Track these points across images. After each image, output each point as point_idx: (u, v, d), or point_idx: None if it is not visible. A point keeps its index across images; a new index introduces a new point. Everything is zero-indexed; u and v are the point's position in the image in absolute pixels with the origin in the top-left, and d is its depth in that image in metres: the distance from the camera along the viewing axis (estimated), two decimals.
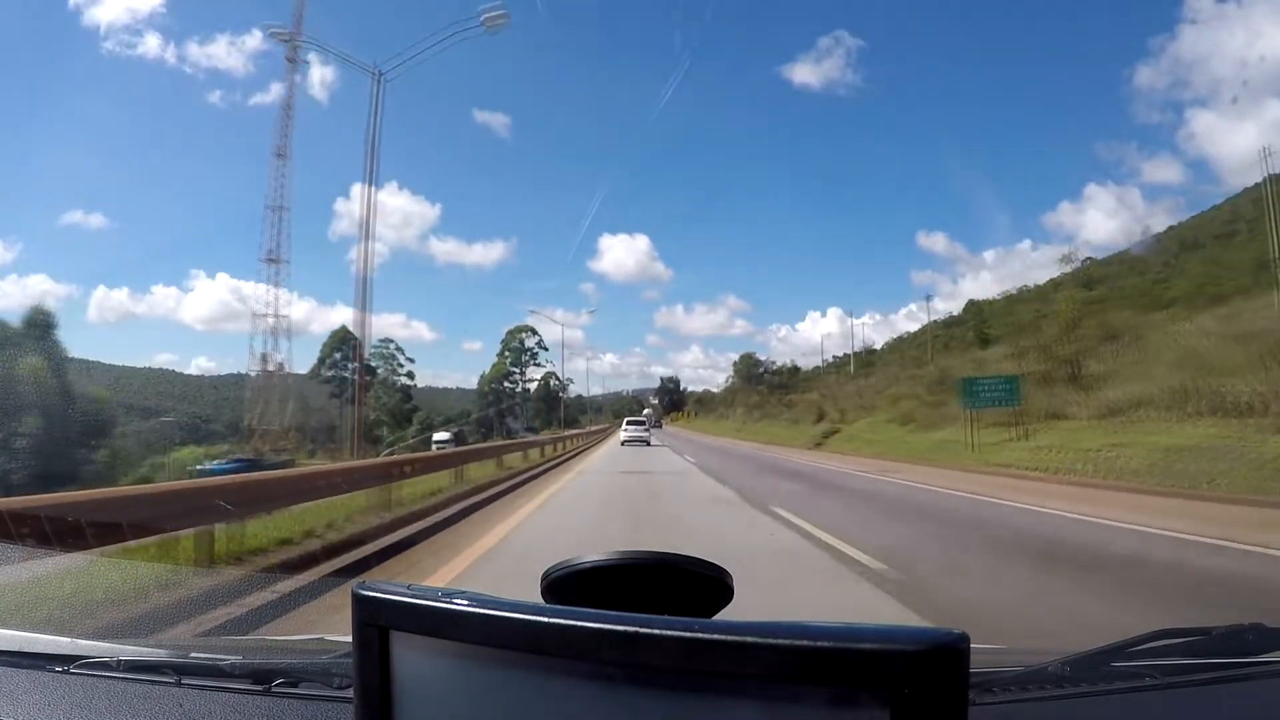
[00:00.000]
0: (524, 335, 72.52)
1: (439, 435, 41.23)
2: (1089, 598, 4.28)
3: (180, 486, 5.82)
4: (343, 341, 56.05)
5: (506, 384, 71.59)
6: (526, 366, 72.77)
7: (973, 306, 53.56)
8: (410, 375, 60.47)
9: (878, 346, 67.65)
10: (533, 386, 71.47)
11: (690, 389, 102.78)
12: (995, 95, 62.52)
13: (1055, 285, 38.24)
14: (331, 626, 3.16)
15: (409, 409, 58.52)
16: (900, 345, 62.30)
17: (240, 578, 4.38)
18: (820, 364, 68.23)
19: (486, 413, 66.25)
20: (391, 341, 60.83)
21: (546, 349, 72.33)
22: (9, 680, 0.99)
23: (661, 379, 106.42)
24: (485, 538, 6.54)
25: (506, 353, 71.64)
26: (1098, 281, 39.81)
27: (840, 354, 70.26)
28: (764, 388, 63.02)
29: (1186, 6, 58.84)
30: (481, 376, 73.76)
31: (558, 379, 75.26)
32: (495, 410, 65.65)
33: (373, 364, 56.31)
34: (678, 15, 70.99)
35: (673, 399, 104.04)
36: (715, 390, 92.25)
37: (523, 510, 8.72)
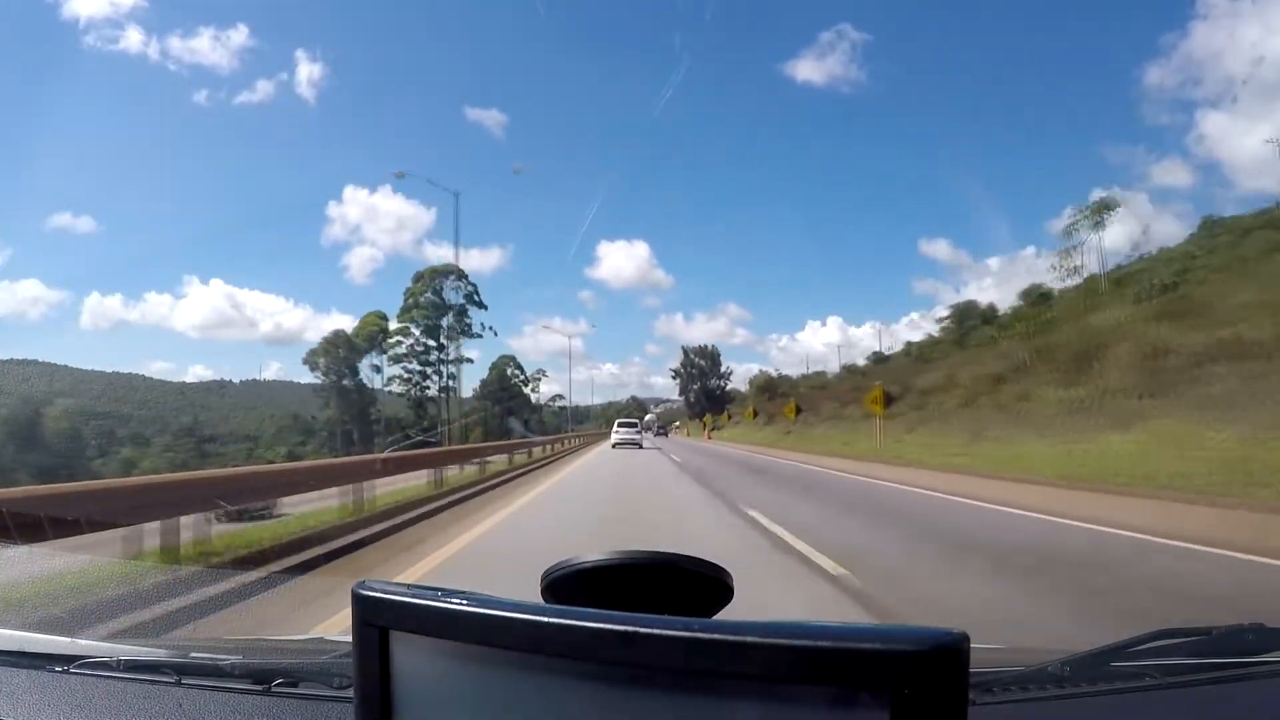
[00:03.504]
0: (442, 281, 41.15)
1: None
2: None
3: None
4: None
5: (409, 366, 40.64)
6: (455, 339, 41.74)
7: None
8: None
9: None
10: (467, 374, 44.28)
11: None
12: (998, 98, 62.19)
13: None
14: None
15: None
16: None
17: None
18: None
19: (320, 418, 38.25)
20: None
21: (485, 306, 42.46)
22: (9, 680, 0.99)
23: (685, 351, 61.85)
24: None
25: (414, 310, 40.85)
26: None
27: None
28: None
29: (1199, 3, 57.68)
30: (319, 343, 40.26)
31: (518, 369, 46.74)
32: (354, 415, 37.49)
33: None
34: (677, 15, 70.62)
35: (706, 388, 60.38)
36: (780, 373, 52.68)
37: None
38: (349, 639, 0.55)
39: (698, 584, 0.62)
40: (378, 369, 41.87)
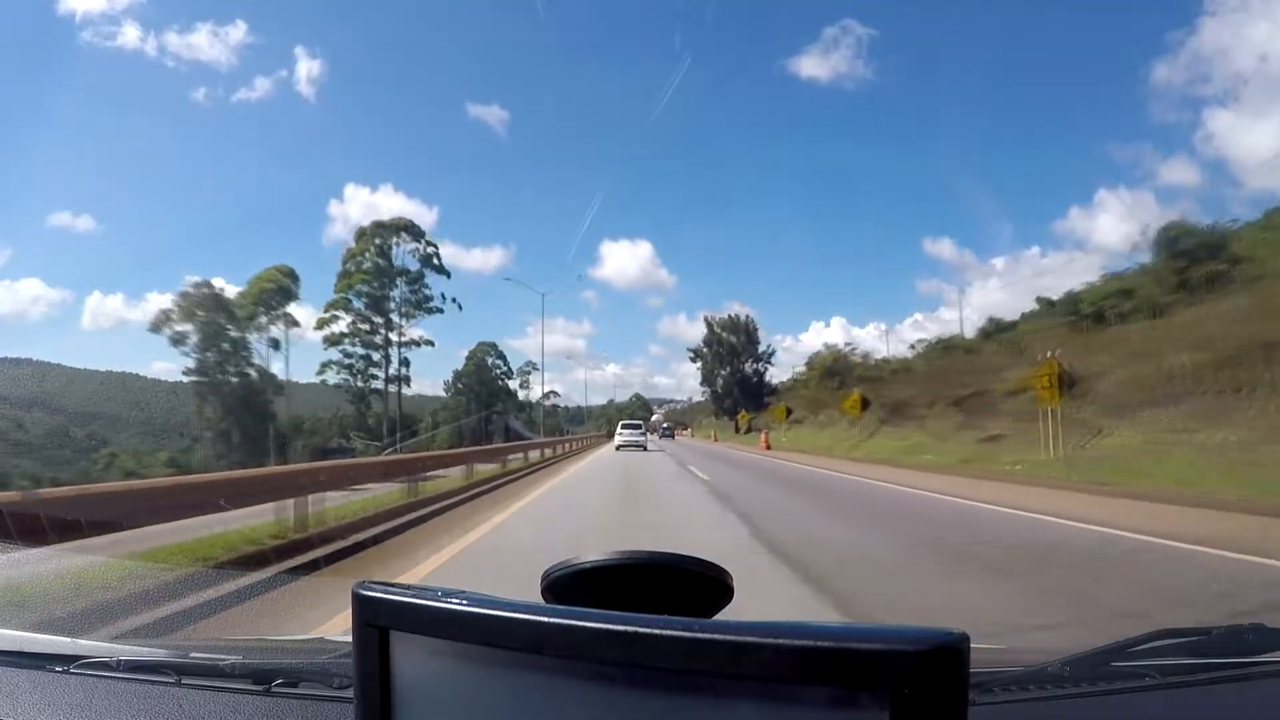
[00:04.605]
0: (395, 240, 32.59)
1: None
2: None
3: None
4: None
5: (348, 350, 31.41)
6: (411, 315, 33.22)
7: None
8: None
9: None
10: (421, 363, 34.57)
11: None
12: (1003, 98, 61.52)
13: None
14: None
15: None
16: None
17: None
18: None
19: (182, 415, 26.78)
20: None
21: (448, 274, 34.33)
22: (9, 680, 0.99)
23: (710, 324, 45.89)
24: None
25: (353, 276, 32.10)
26: None
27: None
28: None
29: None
30: (176, 301, 26.56)
31: (500, 359, 38.79)
32: (233, 409, 25.76)
33: None
34: (677, 14, 70.10)
35: (739, 373, 43.05)
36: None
37: None
38: (349, 639, 0.55)
39: (698, 584, 0.62)
40: (276, 345, 30.70)
